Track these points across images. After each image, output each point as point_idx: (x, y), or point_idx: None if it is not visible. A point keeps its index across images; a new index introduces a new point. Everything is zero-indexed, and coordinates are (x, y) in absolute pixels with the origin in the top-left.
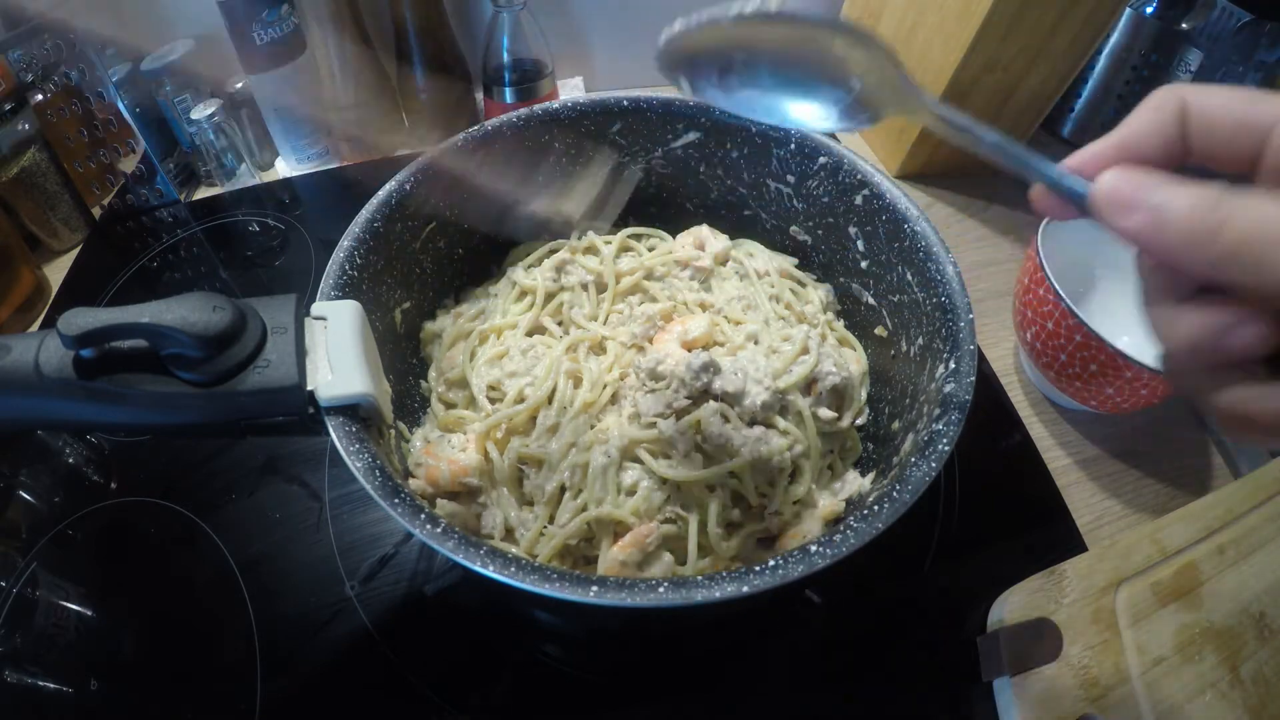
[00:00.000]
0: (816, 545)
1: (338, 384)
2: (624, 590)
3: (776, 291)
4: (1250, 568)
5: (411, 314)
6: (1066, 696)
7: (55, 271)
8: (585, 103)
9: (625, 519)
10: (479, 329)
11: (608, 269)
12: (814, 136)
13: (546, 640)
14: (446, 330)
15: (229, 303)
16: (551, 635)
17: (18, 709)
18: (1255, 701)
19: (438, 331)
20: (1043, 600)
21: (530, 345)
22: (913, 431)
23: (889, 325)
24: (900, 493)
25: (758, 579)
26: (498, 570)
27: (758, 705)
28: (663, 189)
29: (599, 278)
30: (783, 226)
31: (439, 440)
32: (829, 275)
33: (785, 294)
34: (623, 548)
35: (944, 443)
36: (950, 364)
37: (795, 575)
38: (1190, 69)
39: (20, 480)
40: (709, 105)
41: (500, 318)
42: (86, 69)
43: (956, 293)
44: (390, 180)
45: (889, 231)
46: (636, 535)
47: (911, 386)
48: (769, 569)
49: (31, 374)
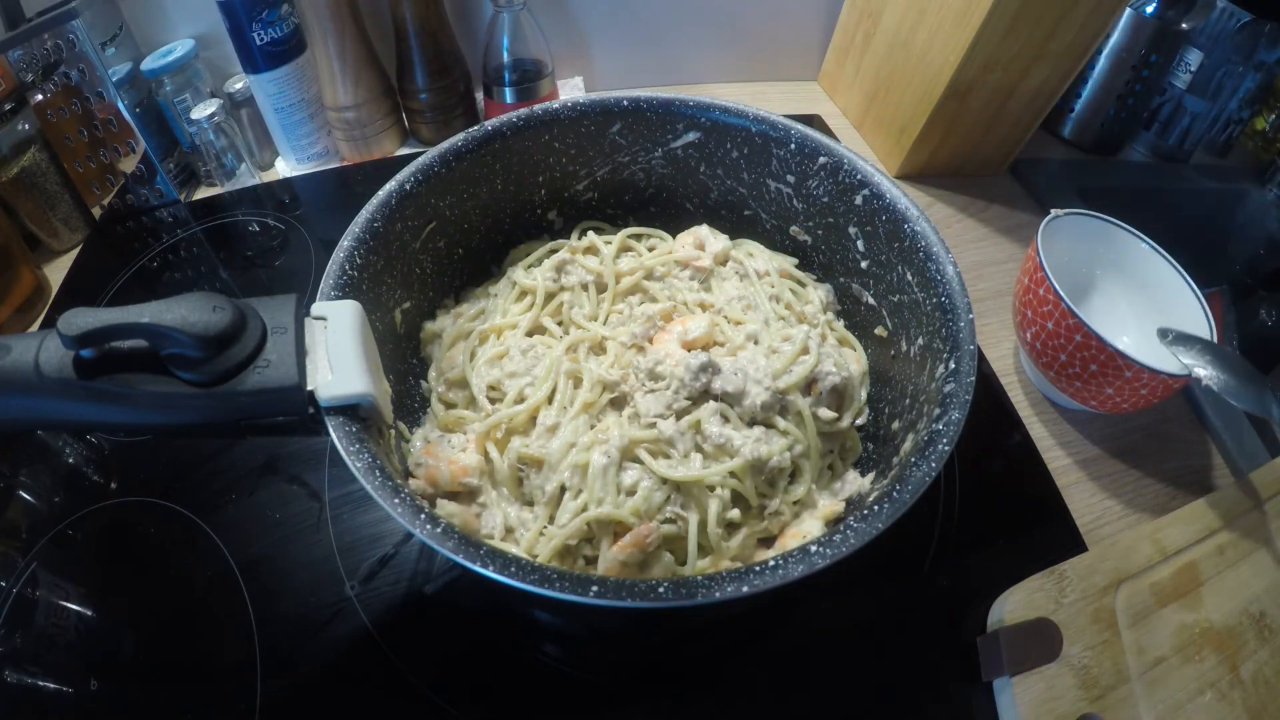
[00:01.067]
0: (816, 545)
1: (338, 384)
2: (624, 591)
3: (776, 291)
4: (1250, 568)
5: (411, 314)
6: (1066, 696)
7: (55, 271)
8: (585, 103)
9: (625, 519)
10: (479, 329)
11: (608, 269)
12: (814, 136)
13: (547, 640)
14: (447, 330)
15: (229, 303)
16: (552, 635)
17: (18, 709)
18: (1255, 701)
19: (438, 331)
20: (1043, 600)
21: (530, 345)
22: (913, 431)
23: (889, 325)
24: (900, 493)
25: (758, 579)
26: (498, 570)
27: (757, 705)
28: (663, 189)
29: (599, 278)
30: (783, 227)
31: (439, 440)
32: (829, 275)
33: (785, 294)
34: (623, 548)
35: (944, 442)
36: (950, 364)
37: (795, 575)
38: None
39: (20, 480)
40: (709, 105)
41: (500, 318)
42: (86, 69)
43: (956, 293)
44: (390, 180)
45: (889, 231)
46: (636, 535)
47: (911, 386)
48: (769, 569)
49: (31, 374)
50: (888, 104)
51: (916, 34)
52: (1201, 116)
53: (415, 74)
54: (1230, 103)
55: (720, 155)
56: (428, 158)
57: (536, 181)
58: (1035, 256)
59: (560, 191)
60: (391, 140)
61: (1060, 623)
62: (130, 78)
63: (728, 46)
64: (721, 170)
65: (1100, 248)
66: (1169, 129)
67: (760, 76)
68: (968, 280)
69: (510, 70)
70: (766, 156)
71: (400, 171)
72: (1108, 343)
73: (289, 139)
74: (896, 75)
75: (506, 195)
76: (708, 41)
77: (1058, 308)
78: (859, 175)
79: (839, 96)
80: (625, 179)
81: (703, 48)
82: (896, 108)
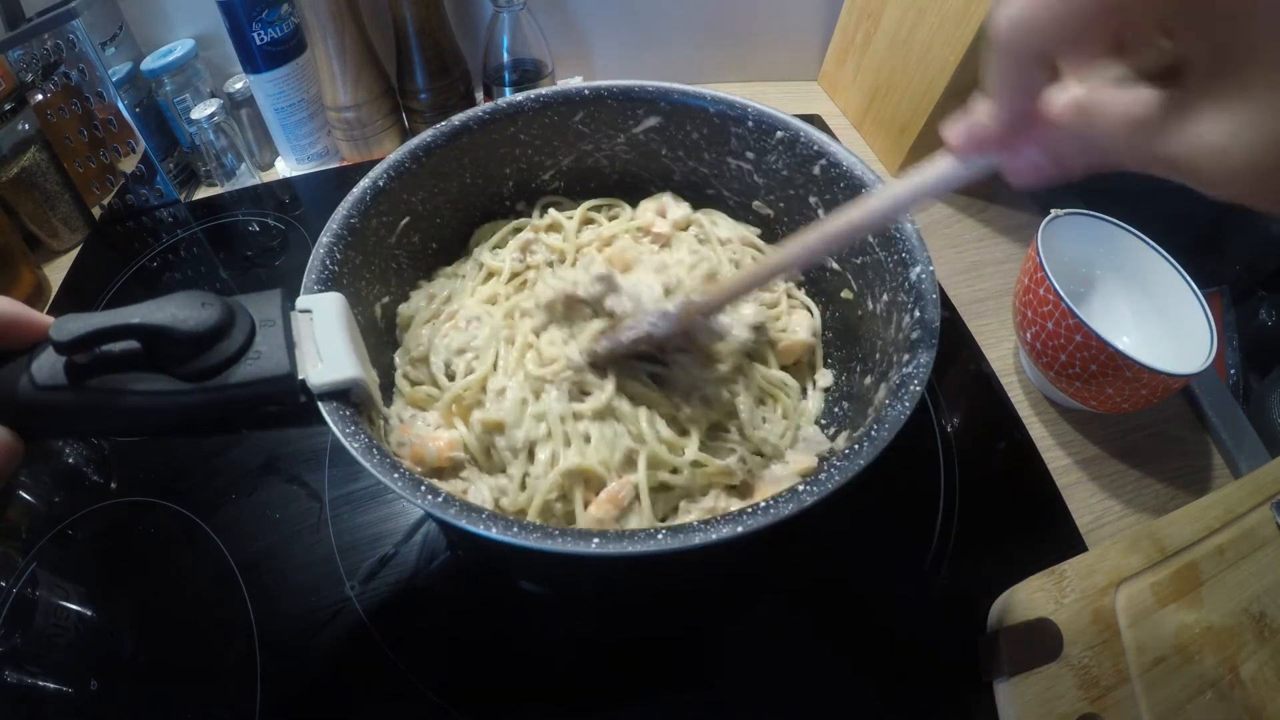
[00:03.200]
0: (804, 485)
1: (328, 370)
2: (625, 540)
3: (737, 258)
4: (1250, 568)
5: (391, 308)
6: (1066, 696)
7: (55, 271)
8: (549, 94)
9: (594, 469)
10: (446, 310)
11: (569, 245)
12: (770, 113)
13: (549, 641)
14: (420, 312)
15: (217, 299)
16: (553, 636)
17: (18, 709)
18: (1255, 701)
19: (412, 314)
20: (1043, 600)
21: (475, 317)
22: (885, 381)
23: (854, 287)
24: (879, 431)
25: (751, 520)
26: (501, 532)
27: (757, 705)
28: (627, 174)
29: (562, 255)
30: (745, 203)
31: (411, 419)
32: None
33: (746, 260)
34: (599, 505)
35: (915, 383)
36: (915, 313)
37: (786, 513)
38: None
39: (20, 480)
40: (667, 89)
41: (469, 297)
42: (86, 69)
43: (916, 247)
44: (364, 177)
45: (848, 197)
46: (610, 492)
47: (880, 341)
48: (760, 510)
49: (26, 385)
50: (888, 104)
51: (916, 34)
52: None
53: (415, 74)
54: None
55: (681, 137)
56: (399, 154)
57: (504, 174)
58: (1035, 256)
59: (527, 182)
60: (391, 140)
61: (1060, 623)
62: (130, 78)
63: (728, 46)
64: (683, 152)
65: (1100, 248)
66: None
67: (760, 76)
68: (967, 280)
69: (510, 70)
70: (725, 135)
71: (373, 169)
72: (1108, 343)
73: (289, 139)
74: (896, 75)
75: (476, 188)
76: (707, 41)
77: (1058, 308)
78: (815, 146)
79: (839, 96)
80: (590, 166)
81: (702, 48)
82: (896, 108)
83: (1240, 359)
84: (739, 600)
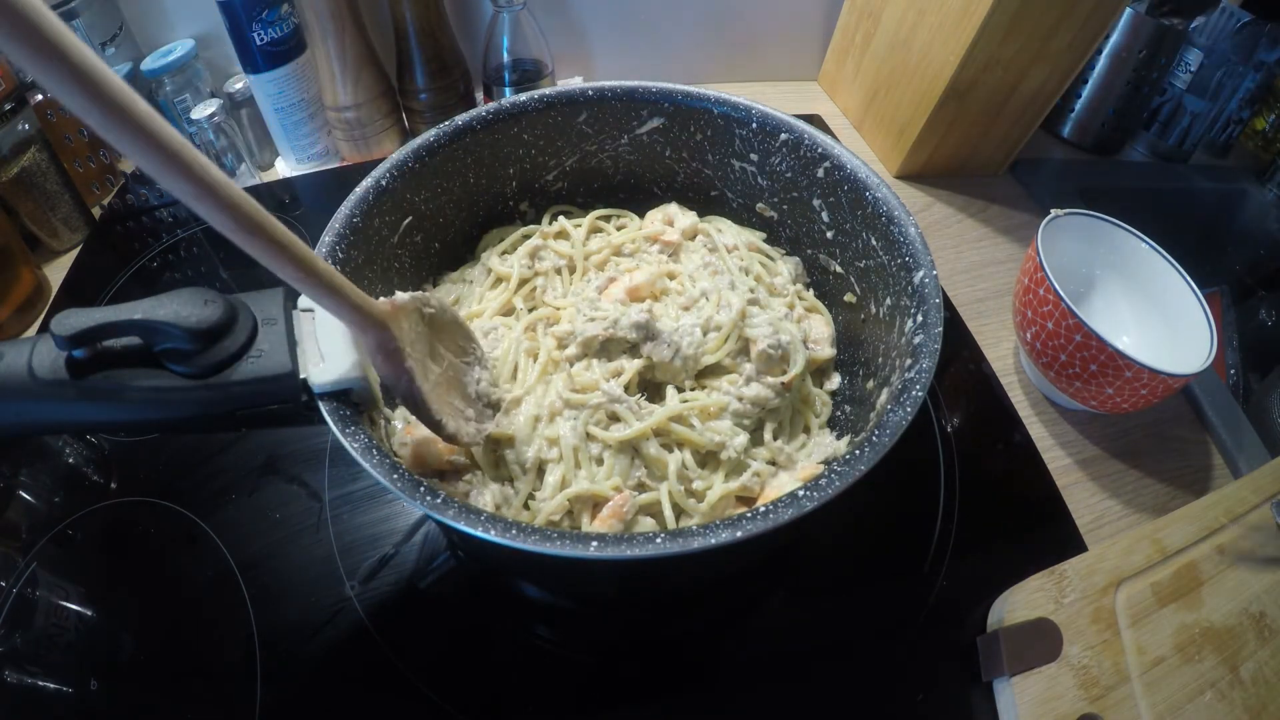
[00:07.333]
0: (804, 490)
1: (330, 370)
2: (623, 544)
3: (746, 264)
4: (1250, 568)
5: None
6: (1066, 696)
7: (55, 271)
8: (552, 95)
9: (604, 493)
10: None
11: (577, 252)
12: (775, 115)
13: (549, 641)
14: None
15: (220, 297)
16: (553, 637)
17: (18, 709)
18: (1255, 701)
19: None
20: (1043, 600)
21: (492, 327)
22: (887, 386)
23: (857, 290)
24: (880, 437)
25: (750, 524)
26: (500, 534)
27: (756, 705)
28: (630, 175)
29: (570, 261)
30: (749, 205)
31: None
32: (796, 248)
33: (755, 266)
34: (603, 520)
35: (917, 389)
36: (918, 317)
37: (785, 519)
38: (1190, 69)
39: (20, 480)
40: (671, 90)
41: (477, 304)
42: None
43: (920, 251)
44: (366, 177)
45: (852, 200)
46: (614, 507)
47: (883, 345)
48: (760, 514)
49: (26, 378)
50: (888, 104)
51: (916, 34)
52: (1201, 116)
53: (415, 74)
54: (1230, 103)
55: (685, 139)
56: (402, 154)
57: (507, 174)
58: (1035, 256)
59: (531, 182)
60: (391, 140)
61: (1060, 623)
62: (130, 78)
63: (728, 46)
64: (686, 153)
65: (1100, 248)
66: (1169, 129)
67: (760, 76)
68: (968, 280)
69: (510, 70)
70: (729, 137)
71: (376, 168)
72: (1108, 343)
73: (289, 139)
74: (896, 75)
75: (479, 188)
76: (708, 41)
77: (1058, 308)
78: (819, 149)
79: (839, 96)
80: (593, 167)
81: (703, 48)
82: (896, 108)
83: (1240, 359)
84: (739, 601)
